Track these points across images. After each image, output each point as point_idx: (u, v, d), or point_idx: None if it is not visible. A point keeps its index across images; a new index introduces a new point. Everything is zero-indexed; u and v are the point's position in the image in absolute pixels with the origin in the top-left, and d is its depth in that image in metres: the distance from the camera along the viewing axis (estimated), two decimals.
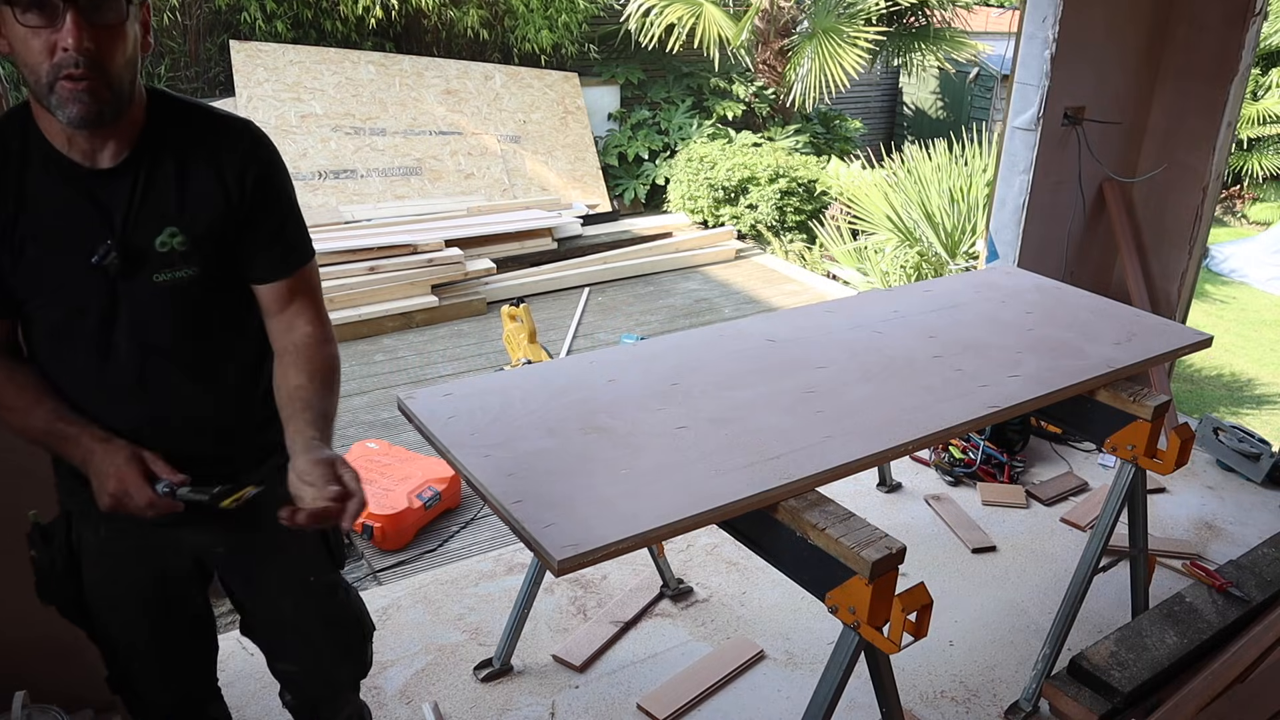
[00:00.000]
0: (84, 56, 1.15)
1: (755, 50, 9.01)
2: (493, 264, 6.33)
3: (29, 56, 1.16)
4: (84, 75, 1.15)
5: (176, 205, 1.31)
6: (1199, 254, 3.73)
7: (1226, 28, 3.38)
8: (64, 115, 1.18)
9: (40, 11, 1.13)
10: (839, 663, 1.65)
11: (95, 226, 1.27)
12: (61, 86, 1.16)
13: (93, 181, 1.27)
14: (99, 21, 1.16)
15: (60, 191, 1.26)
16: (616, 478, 1.58)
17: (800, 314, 2.46)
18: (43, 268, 1.28)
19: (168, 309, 1.34)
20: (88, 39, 1.15)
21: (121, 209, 1.28)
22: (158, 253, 1.30)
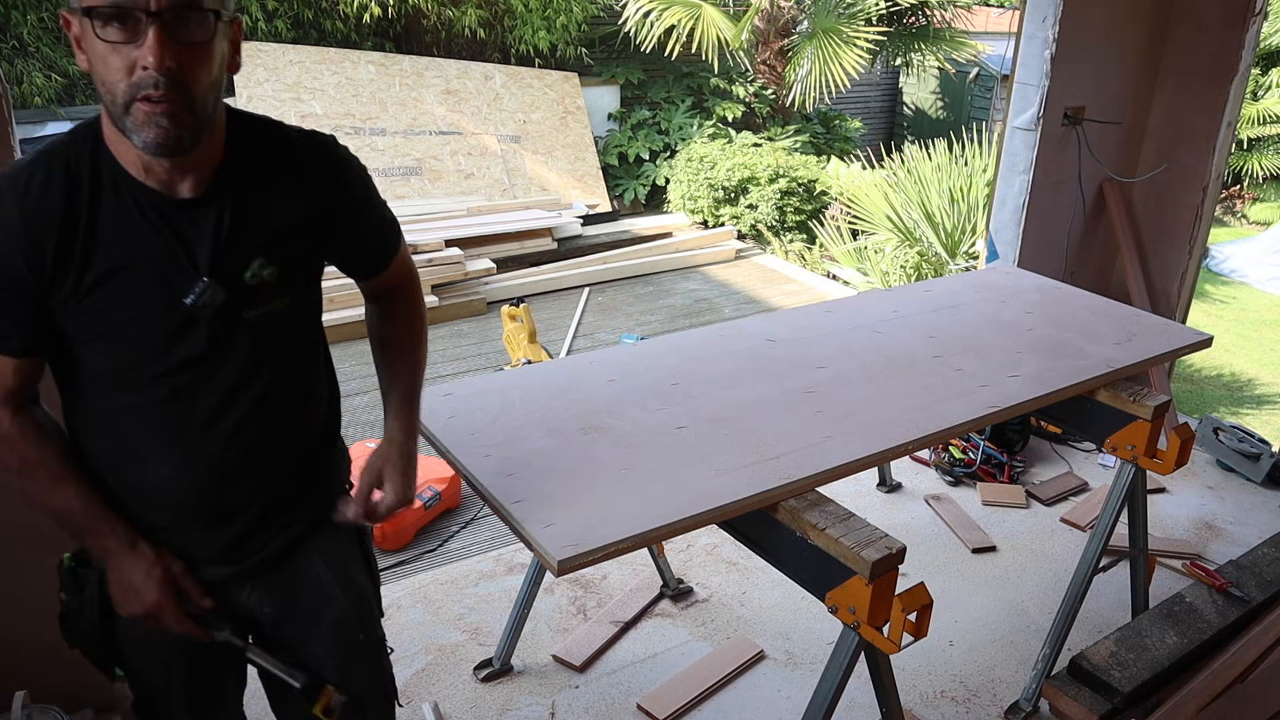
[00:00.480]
0: (165, 76, 1.04)
1: (755, 50, 9.01)
2: (493, 264, 6.33)
3: (106, 74, 1.06)
4: (164, 97, 1.05)
5: (265, 234, 1.22)
6: (1199, 254, 3.73)
7: (1226, 28, 3.38)
8: (140, 140, 1.07)
9: (121, 25, 1.04)
10: (839, 663, 1.65)
11: (178, 262, 1.17)
12: (138, 108, 1.06)
13: (174, 213, 1.16)
14: (184, 39, 1.06)
15: (137, 222, 1.15)
16: (616, 478, 1.58)
17: (800, 314, 2.46)
18: (115, 306, 1.16)
19: (252, 345, 1.24)
20: (170, 58, 1.04)
21: (208, 242, 1.18)
22: (247, 286, 1.21)
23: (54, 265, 1.12)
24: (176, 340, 1.19)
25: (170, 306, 1.17)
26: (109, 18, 1.03)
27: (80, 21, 1.06)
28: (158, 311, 1.17)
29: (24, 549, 1.89)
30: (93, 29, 1.04)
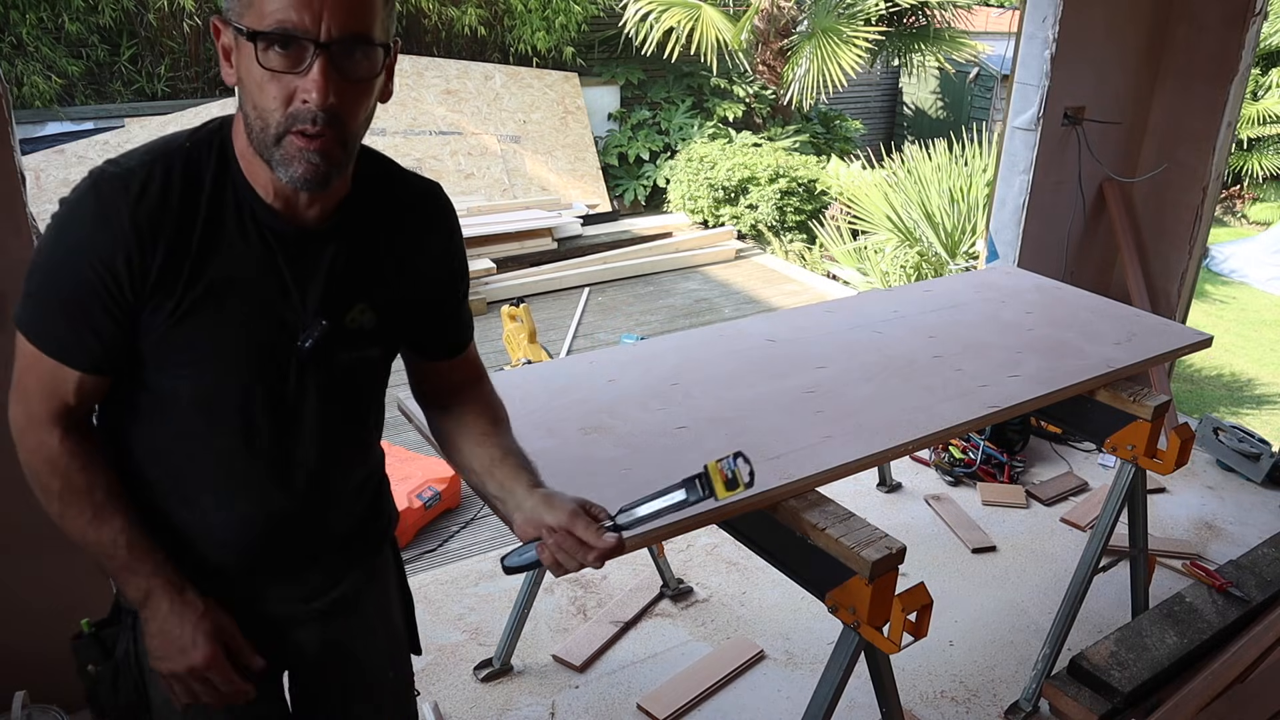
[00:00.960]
0: (325, 113, 0.96)
1: (755, 51, 9.01)
2: (493, 264, 6.33)
3: (261, 100, 0.97)
4: (320, 133, 0.97)
5: (373, 279, 1.14)
6: (1199, 254, 3.73)
7: (1226, 28, 3.38)
8: (287, 174, 0.99)
9: (286, 53, 0.95)
10: (839, 663, 1.65)
11: (288, 296, 1.08)
12: (291, 142, 0.97)
13: (293, 243, 1.07)
14: (350, 75, 0.98)
15: (255, 247, 1.05)
16: (616, 478, 1.58)
17: (800, 314, 2.46)
18: (214, 332, 1.05)
19: (340, 390, 1.16)
20: (334, 93, 0.96)
21: (321, 279, 1.09)
22: (347, 330, 1.13)
23: (158, 277, 1.01)
24: (268, 376, 1.10)
25: (274, 342, 1.08)
26: (274, 40, 0.95)
27: (237, 39, 0.98)
28: (260, 345, 1.08)
29: (22, 550, 1.89)
30: (254, 52, 0.95)
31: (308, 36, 0.94)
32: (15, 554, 1.91)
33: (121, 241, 0.99)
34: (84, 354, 1.05)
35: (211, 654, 1.12)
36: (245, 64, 0.97)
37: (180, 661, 1.11)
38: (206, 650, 1.11)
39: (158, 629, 1.11)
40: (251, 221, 1.05)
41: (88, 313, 1.02)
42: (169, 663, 1.12)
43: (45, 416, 1.07)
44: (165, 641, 1.11)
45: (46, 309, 1.03)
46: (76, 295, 1.01)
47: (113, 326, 1.03)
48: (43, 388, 1.06)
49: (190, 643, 1.11)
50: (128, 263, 1.00)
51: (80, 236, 1.01)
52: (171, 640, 1.11)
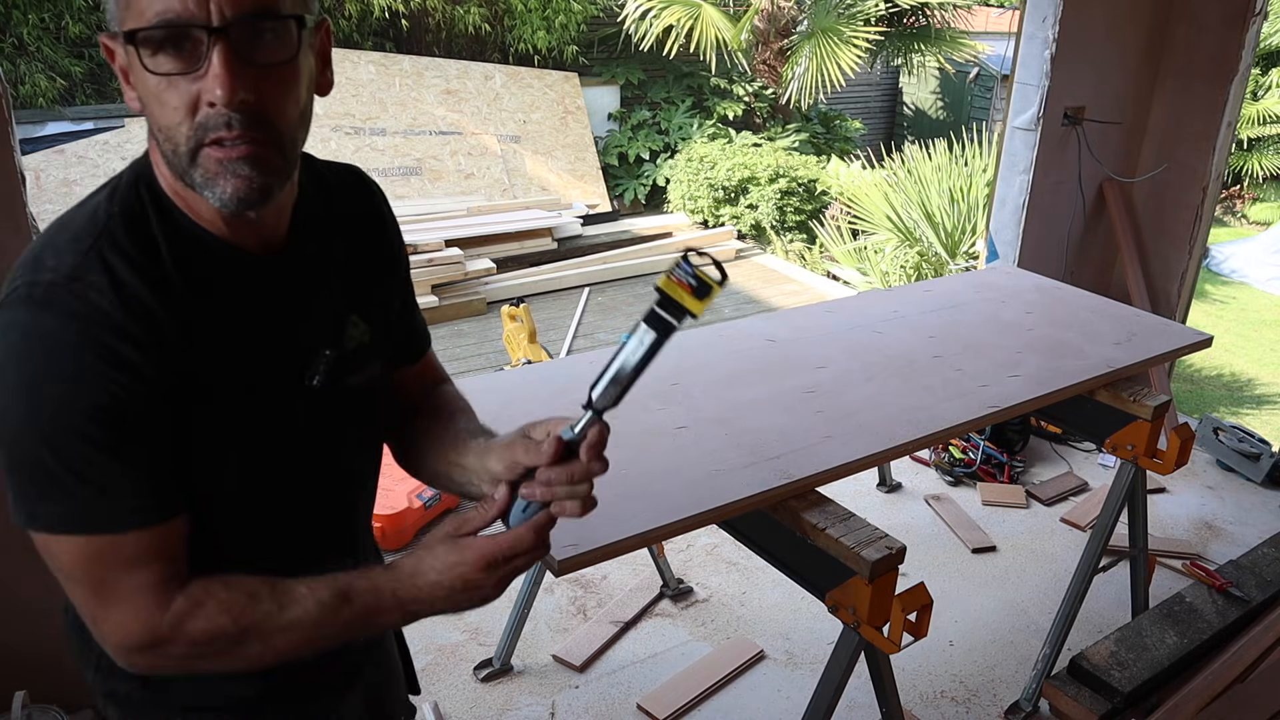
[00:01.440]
0: (240, 113, 0.79)
1: (755, 50, 9.01)
2: (493, 264, 6.33)
3: (162, 115, 0.80)
4: (241, 138, 0.80)
5: (351, 285, 1.01)
6: (1199, 254, 3.73)
7: (1226, 28, 3.38)
8: (216, 196, 0.82)
9: (176, 51, 0.78)
10: (839, 663, 1.65)
11: (284, 332, 0.94)
12: (208, 156, 0.80)
13: (264, 271, 0.92)
14: (261, 60, 0.80)
15: (233, 291, 0.89)
16: (616, 477, 1.58)
17: (800, 314, 2.46)
18: (234, 410, 0.89)
19: (356, 418, 1.03)
20: (245, 87, 0.78)
21: (306, 304, 0.96)
22: (349, 351, 0.99)
23: (174, 367, 0.84)
24: (289, 428, 0.95)
25: (286, 389, 0.94)
26: (159, 42, 0.77)
27: (124, 50, 0.80)
28: (277, 398, 0.93)
29: (22, 550, 1.89)
30: (139, 59, 0.78)
31: (196, 23, 0.77)
32: (15, 554, 1.91)
33: (126, 343, 0.80)
34: (156, 504, 0.84)
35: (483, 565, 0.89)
36: (138, 78, 0.80)
37: (486, 591, 0.91)
38: (477, 570, 0.89)
39: (449, 592, 0.91)
40: (217, 264, 0.89)
41: (136, 448, 0.82)
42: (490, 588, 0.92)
43: (152, 600, 0.84)
44: (458, 598, 0.91)
45: (86, 473, 0.80)
46: (114, 427, 0.80)
47: (166, 447, 0.85)
48: (133, 572, 0.84)
49: (462, 582, 0.90)
50: (146, 361, 0.82)
51: (71, 369, 0.79)
52: (457, 597, 0.91)
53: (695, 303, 0.87)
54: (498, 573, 0.90)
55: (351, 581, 0.89)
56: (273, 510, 0.97)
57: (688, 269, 0.87)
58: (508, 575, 0.92)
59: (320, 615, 0.88)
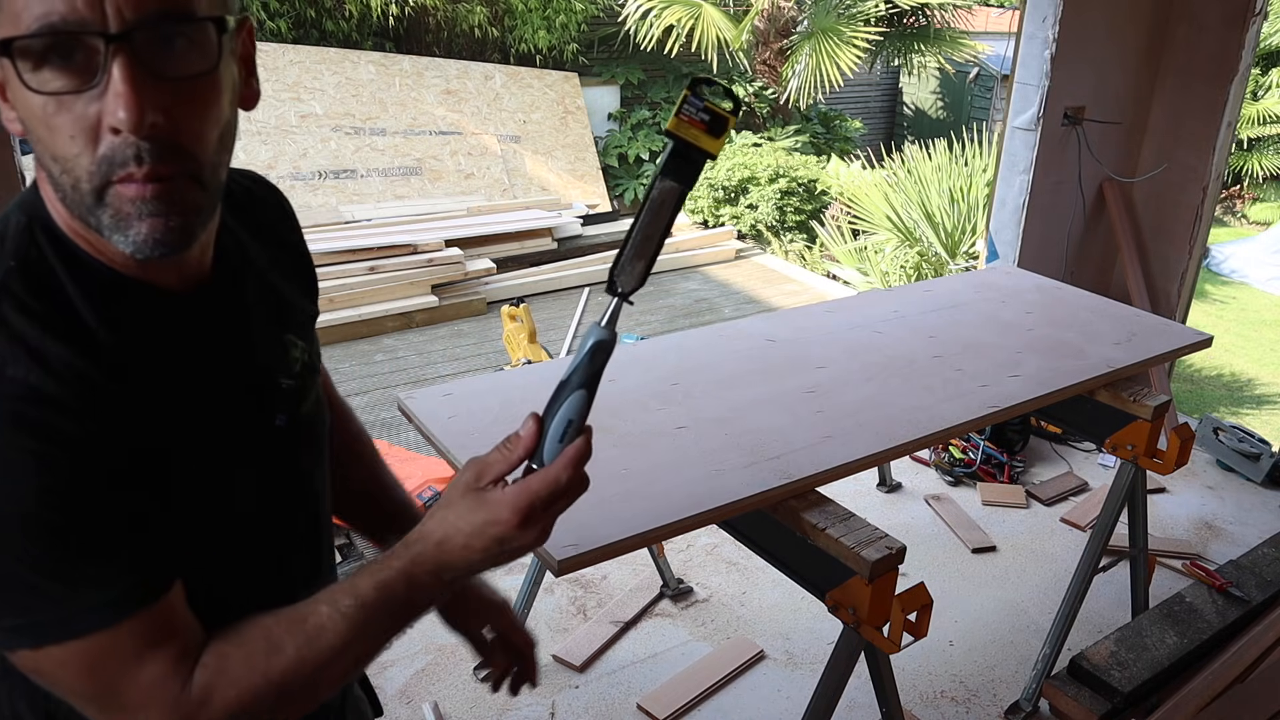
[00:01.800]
0: (151, 141, 0.65)
1: (755, 51, 9.02)
2: (493, 264, 6.33)
3: (55, 143, 0.66)
4: (152, 173, 0.66)
5: (282, 303, 0.91)
6: (1199, 254, 3.73)
7: (1226, 28, 3.38)
8: (126, 241, 0.68)
9: (64, 64, 0.63)
10: (839, 663, 1.65)
11: (231, 375, 0.82)
12: (118, 196, 0.66)
13: (197, 310, 0.79)
14: (172, 72, 0.65)
15: (164, 342, 0.76)
16: (616, 478, 1.58)
17: (800, 314, 2.46)
18: (201, 468, 0.78)
19: (315, 442, 0.95)
20: (154, 107, 0.64)
21: (249, 336, 0.85)
22: (296, 375, 0.90)
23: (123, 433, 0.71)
24: (261, 473, 0.86)
25: (252, 433, 0.84)
26: (41, 53, 0.63)
27: (2, 64, 0.65)
28: (245, 445, 0.83)
29: None
30: (17, 74, 0.64)
31: (89, 29, 0.62)
32: None
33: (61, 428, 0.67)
34: (147, 568, 0.73)
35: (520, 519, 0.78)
36: (18, 97, 0.66)
37: (527, 543, 0.80)
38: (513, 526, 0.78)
39: (481, 566, 0.81)
40: (141, 314, 0.75)
41: (101, 514, 0.70)
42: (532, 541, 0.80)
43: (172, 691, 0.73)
44: (497, 557, 0.80)
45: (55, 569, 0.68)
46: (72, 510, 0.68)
47: (158, 510, 0.74)
48: (142, 666, 0.72)
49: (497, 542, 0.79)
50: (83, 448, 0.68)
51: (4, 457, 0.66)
52: (495, 557, 0.80)
53: (711, 141, 0.76)
54: (538, 524, 0.79)
55: (376, 576, 0.78)
56: (248, 552, 0.86)
57: (697, 103, 0.76)
58: (551, 522, 0.81)
59: (356, 630, 0.77)
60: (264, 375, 0.86)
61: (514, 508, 0.78)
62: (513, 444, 0.83)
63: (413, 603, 0.80)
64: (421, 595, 0.80)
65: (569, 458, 0.80)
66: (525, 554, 0.83)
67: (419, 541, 0.80)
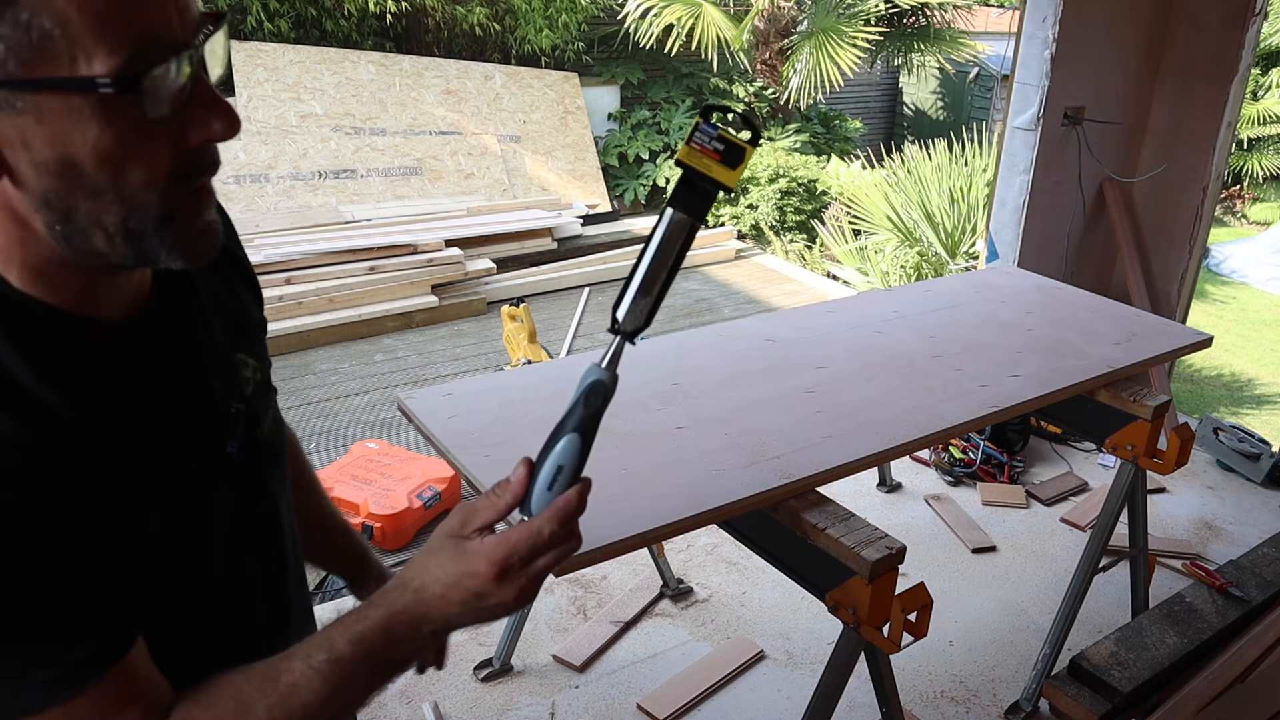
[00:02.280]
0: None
1: (755, 50, 9.02)
2: (493, 264, 6.33)
3: (140, 173, 0.62)
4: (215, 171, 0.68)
5: (228, 320, 0.84)
6: (1199, 254, 3.73)
7: (1226, 28, 3.38)
8: (190, 255, 0.68)
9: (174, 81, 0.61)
10: (839, 663, 1.65)
11: (183, 404, 0.77)
12: (182, 212, 0.65)
13: (142, 338, 0.74)
14: (215, 77, 0.67)
15: (108, 377, 0.70)
16: (616, 478, 1.58)
17: (800, 314, 2.46)
18: (159, 504, 0.73)
19: (274, 462, 0.89)
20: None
21: (197, 358, 0.79)
22: (249, 397, 0.84)
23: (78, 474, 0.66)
24: (218, 509, 0.80)
25: (209, 464, 0.79)
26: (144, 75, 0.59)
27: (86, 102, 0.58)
28: (202, 477, 0.78)
29: None
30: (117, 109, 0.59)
31: (177, 45, 0.61)
32: None
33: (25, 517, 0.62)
34: (108, 626, 0.68)
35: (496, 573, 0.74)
36: (86, 136, 0.59)
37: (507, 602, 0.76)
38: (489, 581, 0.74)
39: (459, 621, 0.77)
40: (83, 350, 0.69)
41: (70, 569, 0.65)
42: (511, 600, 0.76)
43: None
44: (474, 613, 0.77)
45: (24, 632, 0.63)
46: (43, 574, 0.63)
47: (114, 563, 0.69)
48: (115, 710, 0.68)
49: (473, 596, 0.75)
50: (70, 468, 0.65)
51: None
52: (471, 612, 0.76)
53: (726, 172, 0.71)
54: (517, 581, 0.75)
55: (352, 629, 0.74)
56: (214, 589, 0.81)
57: (710, 131, 0.70)
58: (532, 580, 0.76)
59: (331, 687, 0.73)
60: (214, 398, 0.80)
61: (490, 560, 0.73)
62: (501, 490, 0.79)
63: (391, 658, 0.76)
64: (400, 649, 0.76)
65: (555, 510, 0.75)
66: (506, 613, 0.78)
67: (397, 589, 0.76)
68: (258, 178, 6.64)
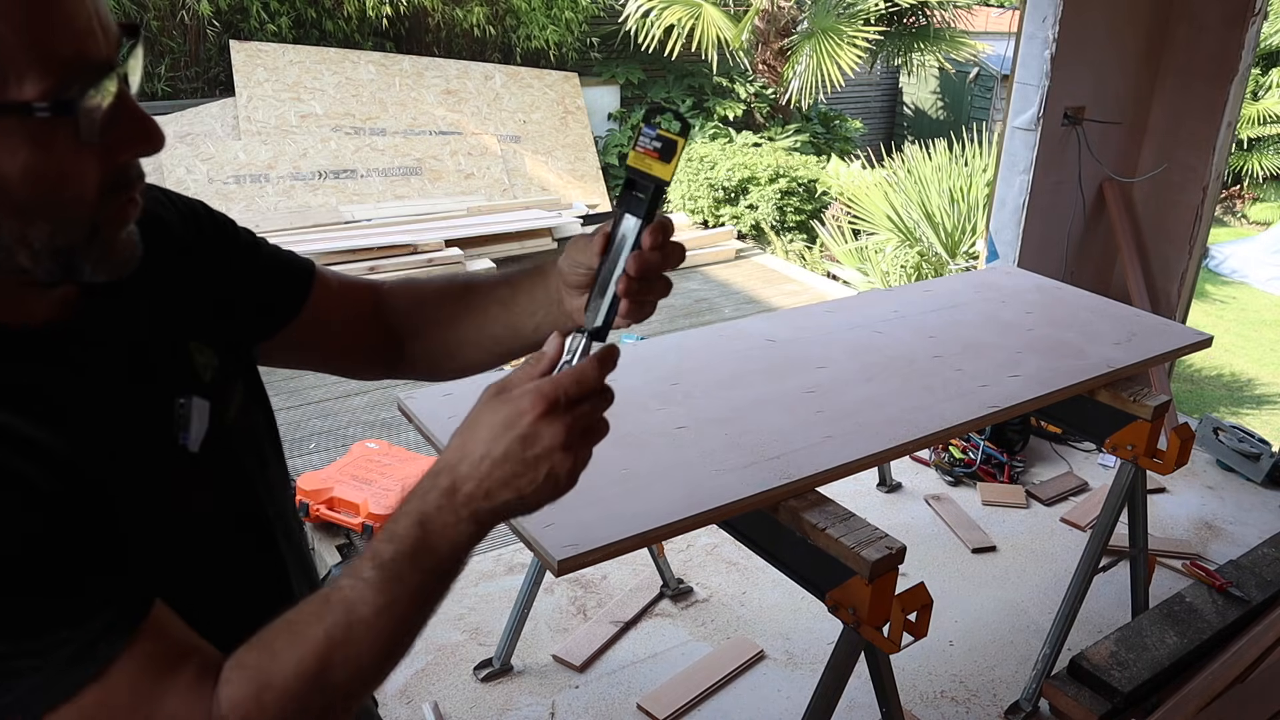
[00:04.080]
0: None
1: (755, 50, 9.02)
2: (493, 264, 6.33)
3: (75, 189, 0.63)
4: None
5: (176, 308, 0.82)
6: (1199, 254, 3.73)
7: (1226, 28, 3.38)
8: (113, 268, 0.68)
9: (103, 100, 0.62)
10: (839, 663, 1.65)
11: (124, 405, 0.74)
12: (109, 224, 0.66)
13: (74, 340, 0.72)
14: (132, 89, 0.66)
15: (53, 380, 0.69)
16: (616, 478, 1.58)
17: (800, 314, 2.46)
18: (130, 503, 0.71)
19: (256, 458, 0.88)
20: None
21: (136, 354, 0.77)
22: (207, 384, 0.82)
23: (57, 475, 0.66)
24: (193, 505, 0.79)
25: (165, 461, 0.76)
26: (95, 102, 0.61)
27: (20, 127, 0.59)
28: (159, 477, 0.75)
29: None
30: (55, 130, 0.60)
31: (105, 65, 0.62)
32: None
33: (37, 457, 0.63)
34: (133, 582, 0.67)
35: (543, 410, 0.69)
36: (16, 157, 0.59)
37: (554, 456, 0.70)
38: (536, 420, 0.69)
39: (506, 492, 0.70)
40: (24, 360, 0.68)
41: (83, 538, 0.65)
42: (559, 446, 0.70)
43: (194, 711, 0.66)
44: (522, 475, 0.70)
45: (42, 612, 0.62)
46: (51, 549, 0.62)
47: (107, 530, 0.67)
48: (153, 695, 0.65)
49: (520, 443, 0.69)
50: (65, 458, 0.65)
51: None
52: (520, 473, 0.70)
53: (663, 167, 0.75)
54: (562, 422, 0.69)
55: (389, 529, 0.70)
56: (204, 582, 0.77)
57: (650, 133, 0.75)
58: (576, 432, 0.70)
59: (386, 595, 0.68)
60: (158, 393, 0.77)
61: (537, 394, 0.68)
62: (536, 360, 0.74)
63: (432, 548, 0.69)
64: (440, 537, 0.69)
65: (599, 355, 0.73)
66: (554, 489, 0.72)
67: (432, 474, 0.71)
68: (258, 178, 6.64)
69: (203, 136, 6.67)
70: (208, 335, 0.84)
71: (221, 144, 6.66)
